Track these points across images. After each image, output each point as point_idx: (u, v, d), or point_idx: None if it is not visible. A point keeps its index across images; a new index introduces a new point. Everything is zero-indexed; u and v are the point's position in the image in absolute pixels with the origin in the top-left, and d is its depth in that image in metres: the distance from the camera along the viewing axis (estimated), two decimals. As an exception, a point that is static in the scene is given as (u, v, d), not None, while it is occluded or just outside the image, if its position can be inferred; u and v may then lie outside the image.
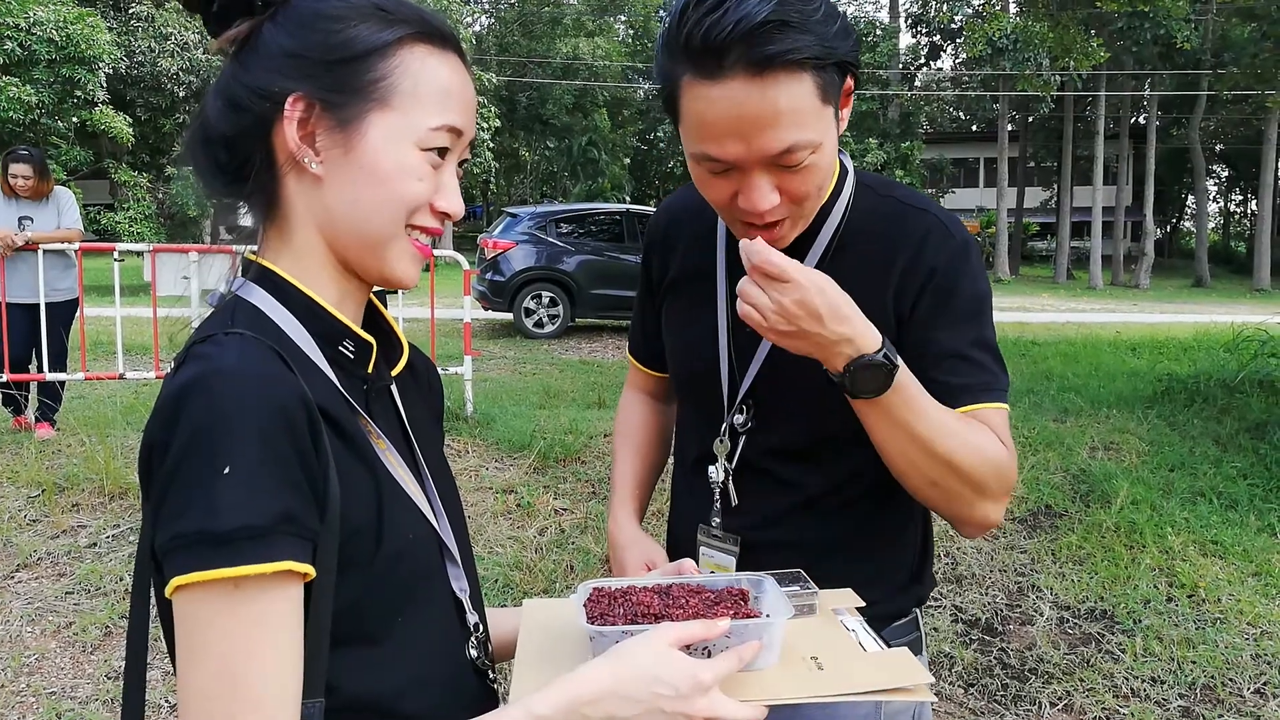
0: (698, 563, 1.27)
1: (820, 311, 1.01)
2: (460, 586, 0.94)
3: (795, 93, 0.99)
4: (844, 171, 1.24)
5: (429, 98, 0.85)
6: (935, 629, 3.66)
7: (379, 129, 0.83)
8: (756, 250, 1.02)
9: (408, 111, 0.84)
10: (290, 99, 0.82)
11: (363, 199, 0.84)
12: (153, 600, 0.79)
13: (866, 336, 1.03)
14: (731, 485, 1.27)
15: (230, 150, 0.85)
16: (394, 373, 0.96)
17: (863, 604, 1.07)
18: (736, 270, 1.26)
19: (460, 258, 6.78)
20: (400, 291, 0.96)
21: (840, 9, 1.04)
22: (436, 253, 6.41)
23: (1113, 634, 3.64)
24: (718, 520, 1.29)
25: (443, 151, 0.86)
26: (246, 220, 0.90)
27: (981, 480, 1.12)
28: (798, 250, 1.21)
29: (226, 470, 0.69)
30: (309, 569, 0.73)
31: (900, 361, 1.06)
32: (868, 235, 1.21)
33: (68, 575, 3.89)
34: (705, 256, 1.31)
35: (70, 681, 3.21)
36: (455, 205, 0.88)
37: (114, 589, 3.78)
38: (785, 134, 1.01)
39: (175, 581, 0.70)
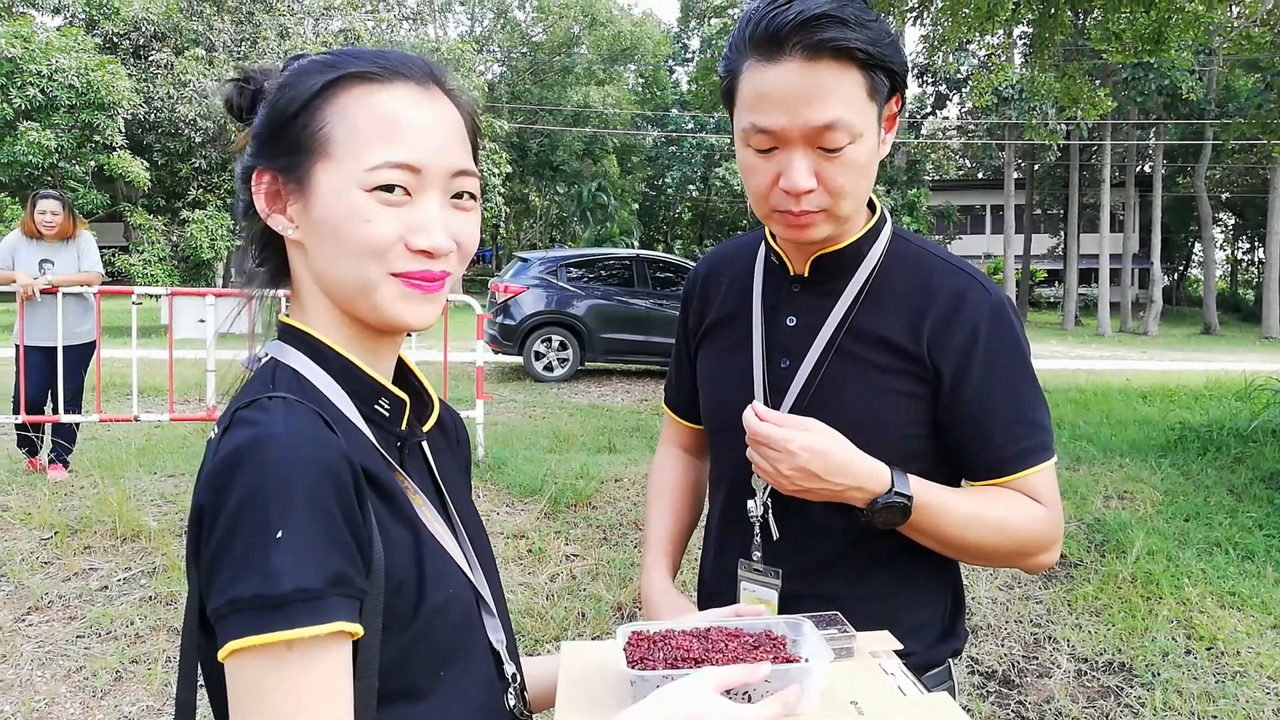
0: (738, 600, 1.28)
1: (815, 471, 1.12)
2: (497, 638, 0.94)
3: (842, 79, 1.09)
4: (882, 219, 1.29)
5: (370, 137, 0.82)
6: (951, 680, 3.60)
7: (325, 179, 0.83)
8: (749, 422, 1.14)
9: (346, 157, 0.82)
10: (254, 174, 0.87)
11: (331, 252, 0.84)
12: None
13: (876, 479, 1.14)
14: (771, 518, 1.28)
15: (248, 229, 0.91)
16: (425, 429, 0.97)
17: (900, 647, 1.08)
18: (772, 309, 1.30)
19: (473, 301, 6.81)
20: (413, 334, 0.99)
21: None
22: (449, 296, 6.45)
23: (1131, 687, 3.59)
24: (758, 554, 1.29)
25: (391, 188, 0.81)
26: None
27: (1017, 548, 1.22)
28: (834, 289, 1.25)
29: (280, 534, 0.70)
30: (358, 629, 0.74)
31: (913, 492, 1.15)
32: (903, 280, 1.25)
33: (79, 618, 3.87)
34: (742, 299, 1.35)
35: (80, 727, 3.18)
36: (432, 240, 0.82)
37: (125, 632, 3.76)
38: (829, 109, 1.09)
39: (231, 645, 0.70)
